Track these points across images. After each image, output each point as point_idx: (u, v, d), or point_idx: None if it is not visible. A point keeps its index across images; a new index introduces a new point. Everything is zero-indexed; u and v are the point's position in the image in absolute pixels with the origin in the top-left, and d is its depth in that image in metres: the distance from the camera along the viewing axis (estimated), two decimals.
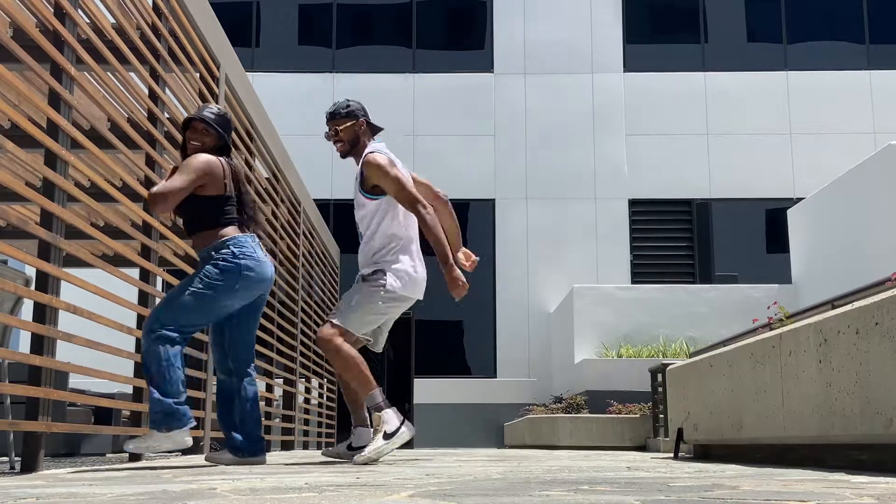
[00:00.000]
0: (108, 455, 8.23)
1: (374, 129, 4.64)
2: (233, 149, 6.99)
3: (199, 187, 4.03)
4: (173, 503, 1.87)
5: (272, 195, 8.47)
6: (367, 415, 4.50)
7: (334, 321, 4.30)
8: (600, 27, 16.47)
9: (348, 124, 4.52)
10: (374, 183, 4.39)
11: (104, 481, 2.75)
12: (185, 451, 5.84)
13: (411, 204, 4.35)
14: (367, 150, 4.46)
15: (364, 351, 4.52)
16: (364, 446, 4.30)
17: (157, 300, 5.10)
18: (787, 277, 13.27)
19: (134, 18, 5.03)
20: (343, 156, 4.61)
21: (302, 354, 9.80)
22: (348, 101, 4.62)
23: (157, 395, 3.86)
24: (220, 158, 4.17)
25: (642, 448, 8.91)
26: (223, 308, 4.06)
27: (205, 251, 4.08)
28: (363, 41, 16.94)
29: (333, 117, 4.54)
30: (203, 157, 4.07)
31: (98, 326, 4.09)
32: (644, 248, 15.83)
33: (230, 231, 4.10)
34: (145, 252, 4.99)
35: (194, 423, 4.04)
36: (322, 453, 4.77)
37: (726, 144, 16.01)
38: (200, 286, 3.97)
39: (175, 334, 3.90)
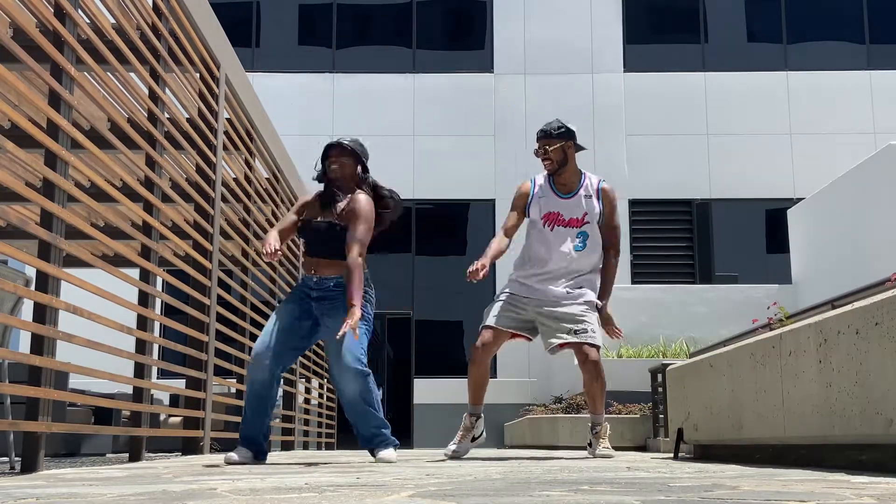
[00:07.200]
0: (108, 455, 8.23)
1: (579, 149, 5.01)
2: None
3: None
4: (173, 503, 1.87)
5: (272, 195, 8.47)
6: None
7: (598, 343, 4.88)
8: (600, 27, 16.47)
9: (558, 145, 4.87)
10: (610, 212, 4.94)
11: (104, 481, 2.75)
12: (185, 452, 5.84)
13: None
14: (603, 182, 4.99)
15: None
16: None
17: (158, 300, 5.10)
18: (787, 277, 13.28)
19: (134, 19, 5.03)
20: (551, 173, 4.96)
21: (302, 355, 9.79)
22: (559, 121, 4.99)
23: (383, 419, 4.40)
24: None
25: (642, 448, 8.90)
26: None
27: (340, 278, 4.31)
28: (363, 41, 16.94)
29: (546, 136, 4.88)
30: (368, 202, 4.35)
31: (98, 326, 4.09)
32: (644, 248, 15.83)
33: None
34: (145, 252, 4.98)
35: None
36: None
37: (726, 144, 16.01)
38: (366, 321, 4.33)
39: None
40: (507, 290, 5.04)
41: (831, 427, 3.04)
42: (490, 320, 4.96)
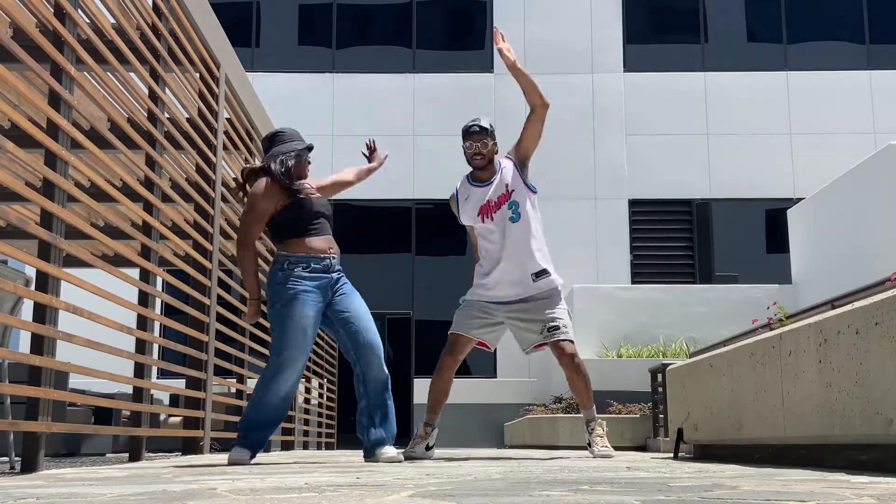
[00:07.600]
0: (108, 455, 8.23)
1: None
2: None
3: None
4: (173, 503, 1.87)
5: None
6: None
7: (572, 338, 4.88)
8: (600, 27, 16.47)
9: (493, 143, 4.95)
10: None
11: (104, 481, 2.75)
12: (185, 452, 5.84)
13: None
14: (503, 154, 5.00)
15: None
16: None
17: (158, 300, 5.10)
18: (787, 277, 13.27)
19: (134, 18, 5.03)
20: (480, 169, 4.99)
21: None
22: (483, 118, 5.03)
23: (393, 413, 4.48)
24: None
25: (642, 448, 8.91)
26: None
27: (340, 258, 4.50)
28: (363, 41, 16.94)
29: (484, 132, 4.92)
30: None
31: (98, 326, 4.09)
32: (644, 248, 15.84)
33: None
34: (145, 252, 4.98)
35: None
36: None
37: (726, 144, 16.01)
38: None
39: None
40: (471, 297, 5.08)
41: (831, 427, 3.04)
42: (458, 327, 5.03)
